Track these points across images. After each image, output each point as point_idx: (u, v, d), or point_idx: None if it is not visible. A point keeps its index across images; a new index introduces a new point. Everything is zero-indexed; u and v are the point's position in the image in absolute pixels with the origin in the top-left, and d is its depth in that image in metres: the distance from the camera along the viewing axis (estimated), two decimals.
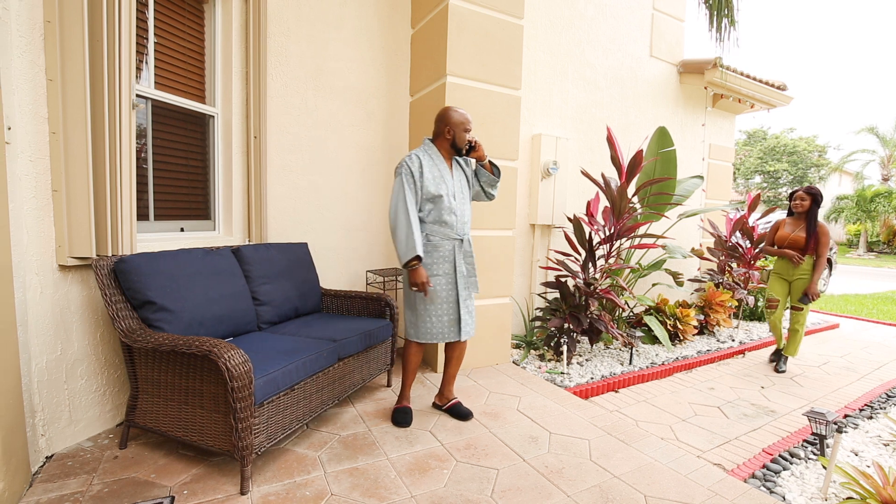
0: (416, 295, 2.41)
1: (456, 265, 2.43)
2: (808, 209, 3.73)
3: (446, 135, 2.40)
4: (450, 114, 2.39)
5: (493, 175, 2.58)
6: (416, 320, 2.44)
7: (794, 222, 3.84)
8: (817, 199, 3.73)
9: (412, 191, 2.30)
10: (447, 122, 2.39)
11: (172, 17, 2.66)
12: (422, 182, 2.32)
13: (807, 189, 3.76)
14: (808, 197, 3.73)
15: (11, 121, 1.79)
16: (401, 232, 2.24)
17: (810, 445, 2.61)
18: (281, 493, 1.84)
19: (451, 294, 2.43)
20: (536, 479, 2.02)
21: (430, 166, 2.36)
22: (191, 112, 2.80)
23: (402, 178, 2.30)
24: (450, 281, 2.42)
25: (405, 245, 2.23)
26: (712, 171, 5.94)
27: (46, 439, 2.03)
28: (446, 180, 2.40)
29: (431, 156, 2.40)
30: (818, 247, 3.66)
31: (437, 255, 2.39)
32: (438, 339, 2.43)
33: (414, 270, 2.27)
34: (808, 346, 4.86)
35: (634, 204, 4.00)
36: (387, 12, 3.59)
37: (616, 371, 3.56)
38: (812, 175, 23.51)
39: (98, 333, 2.24)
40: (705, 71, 5.20)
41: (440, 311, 2.42)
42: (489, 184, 2.60)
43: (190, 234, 2.82)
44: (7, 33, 1.76)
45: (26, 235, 1.91)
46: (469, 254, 2.51)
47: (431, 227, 2.39)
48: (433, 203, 2.36)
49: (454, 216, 2.40)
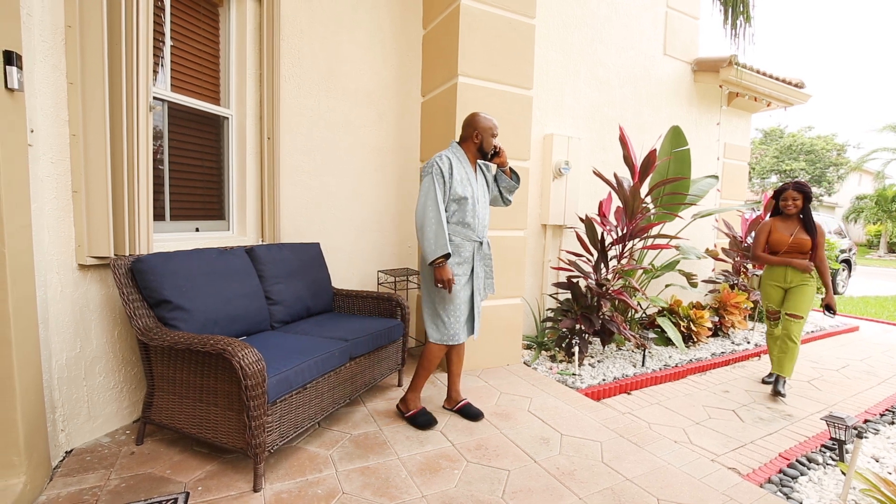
0: (438, 297, 2.42)
1: (474, 267, 2.46)
2: (802, 208, 3.30)
3: (474, 139, 2.45)
4: (479, 119, 2.45)
5: (513, 181, 2.62)
6: (437, 322, 2.45)
7: (786, 223, 3.36)
8: (810, 196, 3.31)
9: (442, 191, 2.33)
10: (476, 126, 2.44)
11: (188, 20, 2.70)
12: (451, 182, 2.36)
13: (796, 186, 3.31)
14: (799, 195, 3.28)
15: (34, 123, 1.84)
16: (429, 230, 2.26)
17: (829, 451, 2.55)
18: (293, 491, 1.85)
19: (467, 294, 2.48)
20: (548, 480, 2.01)
21: (458, 168, 2.40)
22: (206, 114, 2.84)
23: (432, 177, 2.32)
24: (467, 282, 2.46)
25: (434, 243, 2.25)
26: (727, 171, 5.85)
27: (66, 434, 2.08)
28: (472, 183, 2.44)
29: (459, 158, 2.45)
30: (819, 249, 3.26)
31: (459, 257, 2.43)
32: (455, 339, 2.45)
33: (441, 268, 2.28)
34: (827, 349, 4.76)
35: (647, 204, 3.95)
36: (399, 13, 3.61)
37: (628, 373, 3.52)
38: (831, 174, 23.04)
39: (116, 331, 2.28)
40: (720, 69, 5.12)
41: (458, 311, 2.45)
42: (508, 189, 2.65)
43: (205, 234, 2.87)
44: (30, 38, 1.81)
45: (47, 235, 1.95)
46: (487, 256, 2.55)
47: (454, 227, 2.42)
48: (458, 204, 2.39)
49: (476, 219, 2.44)
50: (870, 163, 21.77)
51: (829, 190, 23.53)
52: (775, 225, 3.39)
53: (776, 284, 3.42)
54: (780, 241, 3.35)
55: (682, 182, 4.19)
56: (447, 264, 2.32)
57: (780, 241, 3.35)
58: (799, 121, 61.08)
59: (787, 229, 3.34)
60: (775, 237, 3.37)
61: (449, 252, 2.26)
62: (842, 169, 22.93)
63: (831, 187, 23.46)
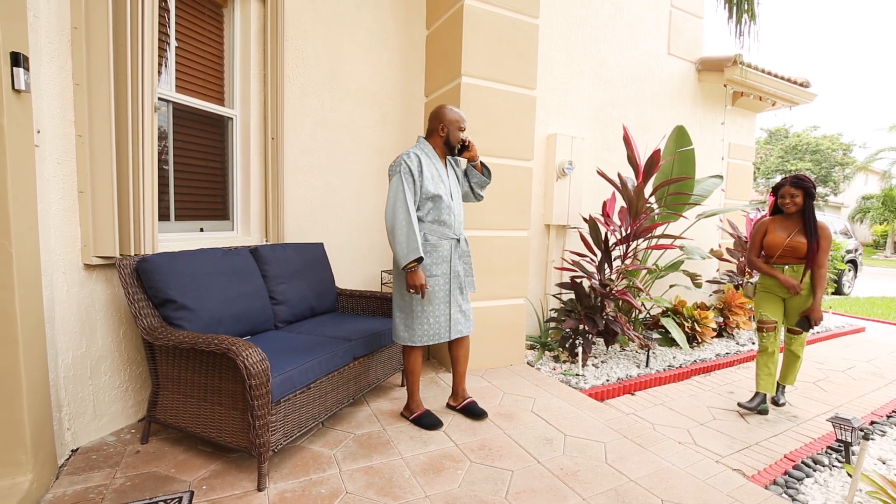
0: (413, 297, 2.35)
1: (452, 265, 2.40)
2: (801, 206, 2.86)
3: (440, 132, 2.39)
4: (444, 111, 2.38)
5: (484, 177, 2.56)
6: (411, 323, 2.37)
7: (785, 223, 2.93)
8: (811, 192, 2.83)
9: (411, 190, 2.24)
10: (441, 119, 2.38)
11: (193, 21, 2.71)
12: (421, 181, 2.28)
13: (795, 180, 2.86)
14: (798, 191, 2.84)
15: (40, 124, 1.85)
16: (400, 233, 2.17)
17: (835, 452, 2.54)
18: (297, 491, 1.86)
19: (447, 294, 2.41)
20: (551, 481, 2.00)
21: (428, 165, 2.33)
22: (210, 114, 2.85)
23: (400, 176, 2.23)
24: (447, 281, 2.40)
25: (405, 247, 2.16)
26: (732, 171, 5.82)
27: (72, 433, 2.09)
28: (444, 179, 2.38)
29: (428, 154, 2.38)
30: (819, 253, 2.79)
31: (437, 256, 2.35)
32: (436, 339, 2.38)
33: (413, 273, 2.19)
34: (833, 349, 4.73)
35: (651, 204, 3.94)
36: (402, 13, 3.61)
37: (632, 373, 3.51)
38: (836, 174, 22.89)
39: (121, 331, 2.30)
40: (725, 68, 5.10)
41: (437, 311, 2.38)
42: (479, 185, 2.58)
43: (209, 235, 2.88)
44: (37, 40, 1.82)
45: (54, 235, 1.97)
46: (466, 253, 2.49)
47: (430, 226, 2.35)
48: (433, 202, 2.32)
49: (453, 216, 2.38)
50: (876, 163, 21.60)
51: (834, 190, 23.38)
52: (772, 225, 2.98)
53: (771, 292, 3.01)
54: (774, 243, 2.93)
55: (687, 182, 4.17)
56: (420, 268, 2.22)
57: (774, 243, 2.93)
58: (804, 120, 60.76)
59: (784, 230, 2.92)
60: (770, 239, 2.95)
61: (421, 256, 2.18)
62: (848, 169, 22.79)
63: (837, 187, 23.31)
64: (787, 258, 2.90)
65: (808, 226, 2.82)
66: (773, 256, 2.94)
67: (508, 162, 3.36)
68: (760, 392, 3.00)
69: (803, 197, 2.84)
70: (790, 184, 2.87)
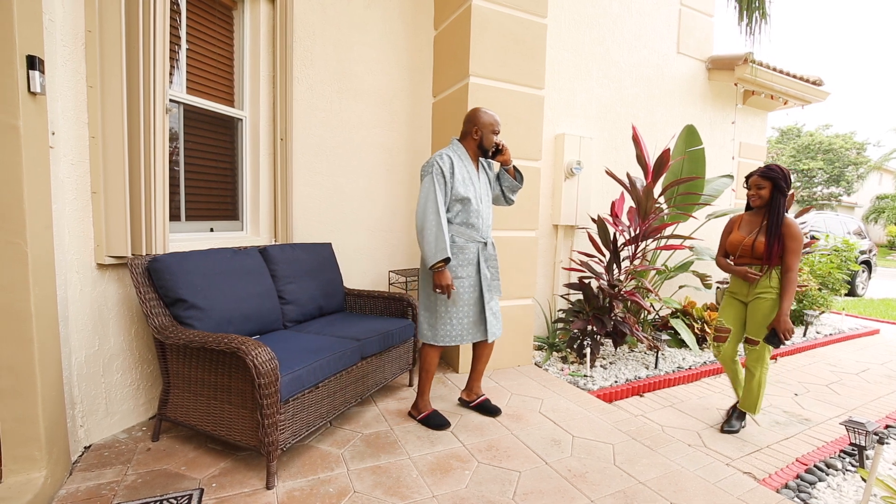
0: (438, 297, 2.38)
1: (480, 268, 2.41)
2: (767, 200, 2.54)
3: (474, 135, 2.40)
4: (479, 114, 2.39)
5: (516, 181, 2.56)
6: (435, 322, 2.41)
7: (752, 220, 2.64)
8: (780, 185, 2.48)
9: (442, 191, 2.27)
10: (476, 122, 2.39)
11: (203, 23, 2.74)
12: (452, 183, 2.30)
13: (765, 170, 2.53)
14: (766, 183, 2.51)
15: (55, 126, 1.88)
16: (429, 233, 2.20)
17: (848, 456, 2.50)
18: (305, 489, 1.87)
19: (474, 296, 2.42)
20: (559, 482, 2.00)
21: (460, 167, 2.35)
22: (220, 115, 2.88)
23: (432, 177, 2.26)
24: (473, 283, 2.41)
25: (434, 247, 2.19)
26: (742, 171, 5.74)
27: (85, 430, 2.12)
28: (474, 182, 2.40)
29: (460, 156, 2.39)
30: (785, 255, 2.46)
31: (463, 258, 2.38)
32: (459, 340, 2.41)
33: (440, 273, 2.23)
34: (846, 352, 4.65)
35: (661, 204, 3.91)
36: (410, 14, 3.62)
37: (641, 375, 3.49)
38: (850, 173, 22.53)
39: (133, 330, 2.33)
40: (735, 67, 5.04)
41: (461, 313, 2.40)
42: (511, 189, 2.59)
43: (219, 235, 2.91)
44: (52, 43, 1.85)
45: (68, 235, 2.00)
46: (492, 257, 2.50)
47: (458, 228, 2.37)
48: (462, 204, 2.35)
49: (480, 219, 2.40)
50: (891, 162, 21.22)
51: (848, 189, 23.00)
52: (740, 222, 2.72)
53: (734, 296, 2.74)
54: (733, 242, 2.68)
55: (697, 182, 4.14)
56: (447, 269, 2.26)
57: (733, 242, 2.68)
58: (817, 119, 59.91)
59: (748, 227, 2.64)
60: (732, 237, 2.70)
61: (449, 256, 2.21)
62: (861, 168, 22.39)
63: (851, 187, 22.92)
64: (747, 259, 2.62)
65: (770, 222, 2.50)
66: (735, 256, 2.68)
67: (517, 162, 3.35)
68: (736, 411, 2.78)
69: (770, 190, 2.51)
70: (759, 174, 2.55)
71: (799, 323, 5.35)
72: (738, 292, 2.71)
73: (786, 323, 2.44)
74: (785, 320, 2.44)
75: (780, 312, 2.46)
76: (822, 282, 5.71)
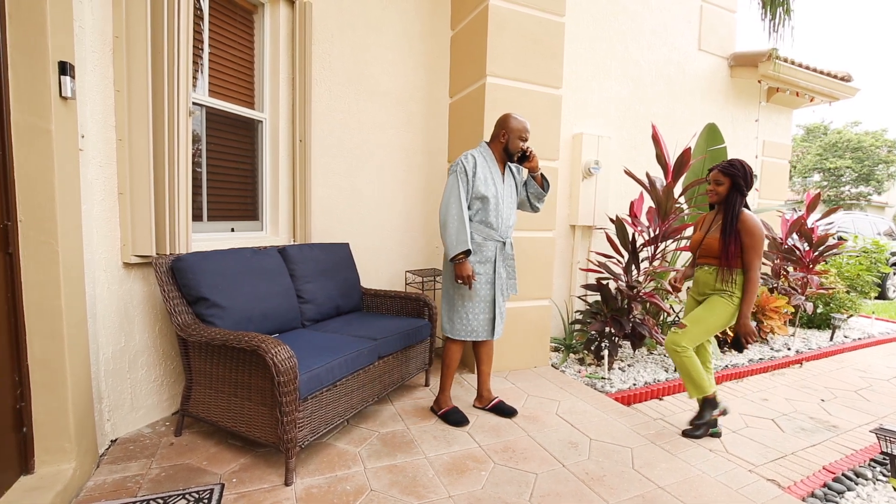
0: (457, 292, 2.47)
1: (496, 267, 2.47)
2: (724, 197, 2.43)
3: (501, 138, 2.47)
4: (509, 120, 2.46)
5: (542, 189, 2.60)
6: (452, 316, 2.51)
7: (711, 218, 2.58)
8: (738, 181, 2.37)
9: (465, 189, 2.39)
10: (504, 126, 2.46)
11: (225, 28, 2.80)
12: (473, 181, 2.40)
13: (725, 166, 2.41)
14: (725, 179, 2.40)
15: (84, 129, 1.94)
16: (451, 227, 2.32)
17: (879, 465, 2.41)
18: (323, 487, 1.89)
19: (489, 294, 2.49)
20: (576, 485, 1.98)
21: (482, 167, 2.43)
22: (241, 118, 2.93)
23: (456, 175, 2.39)
24: (488, 281, 2.48)
25: (455, 238, 2.31)
26: (766, 170, 5.61)
27: (111, 424, 2.19)
28: (496, 183, 2.46)
29: (486, 157, 2.48)
30: (744, 253, 2.34)
31: (481, 255, 2.46)
32: (473, 336, 2.49)
33: (461, 264, 2.34)
34: (877, 357, 4.50)
35: (681, 204, 3.83)
36: (427, 15, 3.63)
37: (660, 377, 3.43)
38: (880, 172, 21.75)
39: (157, 327, 2.39)
40: (759, 64, 4.92)
41: (477, 309, 2.48)
42: (536, 196, 2.63)
43: (239, 234, 2.96)
44: (82, 49, 1.91)
45: (96, 235, 2.06)
46: (510, 257, 2.55)
47: (477, 226, 2.45)
48: (481, 203, 2.43)
49: (499, 219, 2.46)
50: None
51: (878, 189, 22.20)
52: (702, 221, 2.65)
53: (694, 295, 2.63)
54: (694, 241, 2.60)
55: None
56: (467, 261, 2.36)
57: (694, 241, 2.60)
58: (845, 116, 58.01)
59: (707, 225, 2.57)
60: (693, 237, 2.63)
61: (469, 248, 2.31)
62: (893, 167, 21.59)
63: (881, 186, 22.11)
64: (706, 258, 2.50)
65: (726, 220, 2.39)
66: (696, 257, 2.60)
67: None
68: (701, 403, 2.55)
69: (729, 187, 2.40)
70: (719, 169, 2.43)
71: (825, 327, 5.20)
72: (696, 289, 2.60)
73: (746, 326, 2.35)
74: (745, 324, 2.35)
75: (741, 315, 2.37)
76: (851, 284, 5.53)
